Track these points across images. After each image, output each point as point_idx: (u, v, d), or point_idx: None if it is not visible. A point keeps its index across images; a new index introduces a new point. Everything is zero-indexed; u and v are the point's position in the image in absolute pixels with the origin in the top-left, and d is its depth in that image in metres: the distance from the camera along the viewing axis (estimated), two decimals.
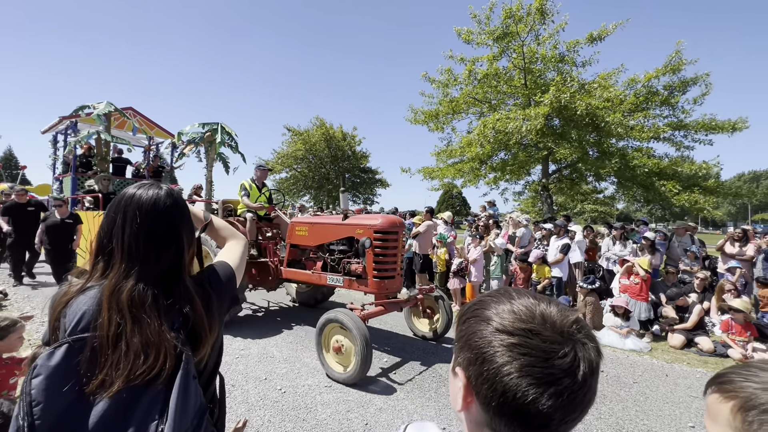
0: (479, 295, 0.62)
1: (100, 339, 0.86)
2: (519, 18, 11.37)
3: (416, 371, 3.94)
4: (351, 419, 2.97)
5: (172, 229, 1.01)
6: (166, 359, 0.86)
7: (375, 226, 4.23)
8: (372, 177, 28.81)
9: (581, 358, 0.49)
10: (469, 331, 0.55)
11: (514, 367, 0.48)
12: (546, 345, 0.49)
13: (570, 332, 0.51)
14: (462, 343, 0.56)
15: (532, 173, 14.12)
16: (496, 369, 0.49)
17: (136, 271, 0.94)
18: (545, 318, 0.52)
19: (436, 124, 13.94)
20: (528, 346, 0.49)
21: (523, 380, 0.48)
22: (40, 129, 10.47)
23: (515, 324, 0.51)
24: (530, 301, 0.55)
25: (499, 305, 0.55)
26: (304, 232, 5.00)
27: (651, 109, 11.35)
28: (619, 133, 10.90)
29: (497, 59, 12.33)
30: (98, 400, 0.82)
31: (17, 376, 2.09)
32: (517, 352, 0.49)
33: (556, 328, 0.51)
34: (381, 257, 4.20)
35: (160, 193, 1.02)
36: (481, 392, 0.51)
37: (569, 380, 0.48)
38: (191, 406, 0.86)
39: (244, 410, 3.03)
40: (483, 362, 0.51)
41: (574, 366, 0.49)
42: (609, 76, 11.66)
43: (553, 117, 11.18)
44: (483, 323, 0.54)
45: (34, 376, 0.81)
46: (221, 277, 1.12)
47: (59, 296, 0.95)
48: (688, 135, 11.44)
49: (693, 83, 10.89)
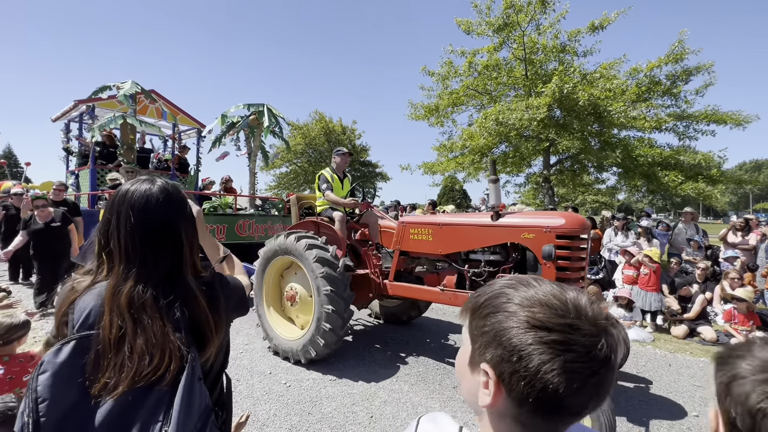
0: (488, 286, 0.59)
1: (102, 341, 0.85)
2: (519, 8, 11.25)
3: (420, 363, 3.96)
4: (356, 412, 2.98)
5: (168, 226, 0.98)
6: (171, 360, 0.85)
7: (557, 227, 3.01)
8: (372, 171, 28.73)
9: (612, 347, 0.50)
10: (498, 328, 0.52)
11: (557, 364, 0.48)
12: (586, 339, 0.49)
13: (602, 323, 0.51)
14: (488, 339, 0.53)
15: (534, 165, 14.07)
16: (537, 367, 0.48)
17: (135, 272, 0.92)
18: (579, 310, 0.51)
19: (437, 119, 13.86)
20: (570, 342, 0.49)
21: (566, 376, 0.47)
22: (50, 116, 9.22)
23: (552, 319, 0.50)
24: (555, 289, 0.54)
25: (524, 295, 0.53)
26: (427, 235, 3.74)
27: (653, 99, 11.26)
28: (621, 123, 10.83)
29: (498, 50, 12.22)
30: (104, 399, 0.81)
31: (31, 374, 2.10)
32: (559, 349, 0.48)
33: (590, 320, 0.50)
34: (567, 272, 2.98)
35: (152, 190, 0.98)
36: (516, 389, 0.50)
37: (605, 370, 0.49)
38: (196, 408, 0.85)
39: (250, 404, 3.05)
40: (519, 360, 0.49)
41: (608, 356, 0.49)
42: (611, 66, 11.55)
43: (555, 107, 11.09)
44: (512, 318, 0.52)
45: (40, 372, 0.81)
46: (230, 282, 1.12)
47: (66, 292, 0.94)
48: (690, 125, 11.37)
49: (696, 72, 10.79)
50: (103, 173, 8.14)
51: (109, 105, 8.30)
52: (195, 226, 1.08)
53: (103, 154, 8.44)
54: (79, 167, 8.78)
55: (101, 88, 7.84)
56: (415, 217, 4.18)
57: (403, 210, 10.28)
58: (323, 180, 4.57)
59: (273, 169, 27.06)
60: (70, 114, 8.87)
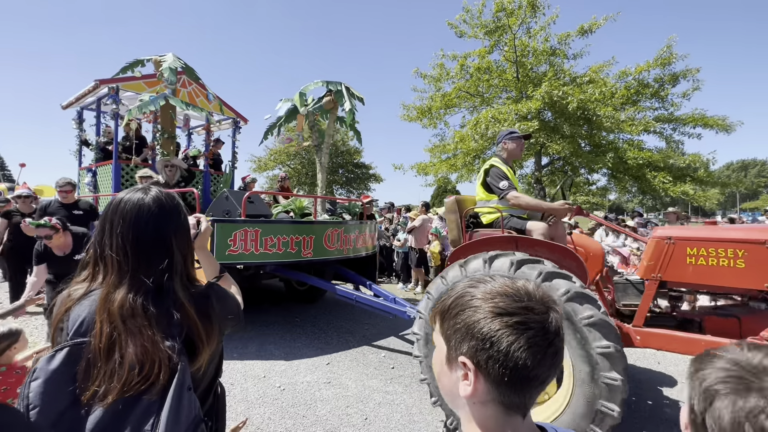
0: (450, 290, 0.66)
1: (93, 350, 0.85)
2: (510, 11, 11.39)
3: (414, 365, 3.98)
4: (350, 414, 3.00)
5: (160, 237, 0.98)
6: (160, 370, 0.86)
7: None
8: (366, 172, 28.76)
9: (558, 320, 0.59)
10: (468, 322, 0.59)
11: (522, 341, 0.55)
12: (539, 317, 0.57)
13: (547, 300, 0.60)
14: (461, 335, 0.60)
15: (525, 166, 14.22)
16: (507, 348, 0.55)
17: (127, 282, 0.93)
18: (530, 294, 0.59)
19: (430, 120, 13.95)
20: (528, 321, 0.57)
21: (530, 350, 0.55)
22: (61, 103, 7.61)
23: (512, 305, 0.58)
24: (506, 281, 0.62)
25: (484, 291, 0.61)
26: (731, 259, 2.39)
27: (641, 101, 11.48)
28: (609, 127, 11.03)
29: (489, 53, 12.35)
30: (94, 408, 0.82)
31: None
32: (522, 329, 0.56)
33: (539, 300, 0.59)
34: None
35: (144, 200, 0.99)
36: (492, 372, 0.57)
37: (557, 339, 0.58)
38: (184, 418, 0.86)
39: (244, 408, 3.05)
40: (491, 345, 0.56)
41: (557, 327, 0.58)
42: (600, 68, 11.74)
43: (546, 110, 11.24)
44: (479, 312, 0.58)
45: (33, 379, 0.82)
46: (226, 293, 1.13)
47: (63, 300, 0.95)
48: (677, 128, 11.61)
49: (683, 77, 11.03)
50: (129, 169, 6.66)
51: (135, 87, 6.72)
52: (189, 236, 1.09)
53: (127, 147, 6.98)
54: (97, 163, 7.16)
55: (132, 63, 6.27)
56: (698, 231, 2.75)
57: (399, 212, 10.28)
58: (499, 175, 3.12)
59: (265, 171, 26.92)
60: (85, 99, 7.19)
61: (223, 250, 4.16)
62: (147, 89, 6.68)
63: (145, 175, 5.64)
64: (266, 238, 4.47)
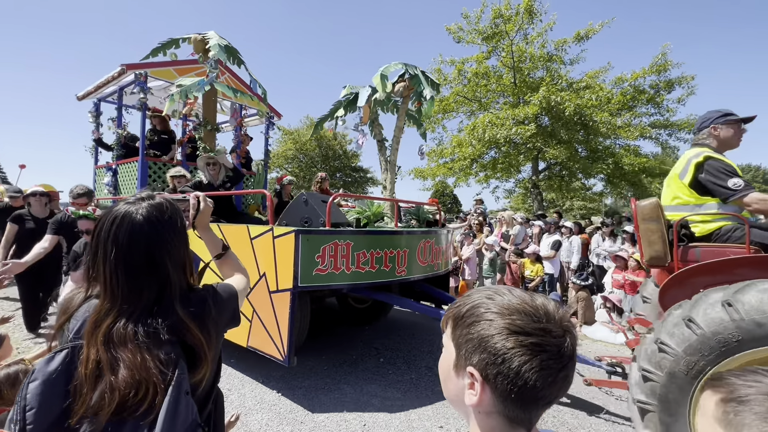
0: (467, 297, 0.65)
1: (79, 376, 0.83)
2: (508, 18, 11.51)
3: (412, 370, 3.97)
4: (348, 420, 2.98)
5: (152, 260, 0.94)
6: (156, 394, 0.84)
7: None
8: (363, 176, 28.77)
9: (574, 345, 0.59)
10: (483, 335, 0.58)
11: (534, 363, 0.55)
12: (556, 340, 0.57)
13: (566, 324, 0.59)
14: (472, 346, 0.59)
15: (523, 171, 14.30)
16: (518, 367, 0.55)
17: (117, 308, 0.90)
18: (549, 315, 0.58)
19: (428, 124, 14.01)
20: (544, 344, 0.56)
21: (543, 372, 0.55)
22: (76, 94, 6.83)
23: (530, 325, 0.57)
24: (525, 296, 0.61)
25: (500, 305, 0.60)
26: None
27: (637, 107, 11.61)
28: (605, 133, 11.14)
29: (487, 58, 12.46)
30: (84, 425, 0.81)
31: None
32: (536, 350, 0.56)
33: (557, 322, 0.58)
34: None
35: (136, 219, 0.94)
36: (499, 387, 0.56)
37: (571, 364, 0.58)
38: (180, 422, 0.85)
39: (241, 414, 3.02)
40: (503, 362, 0.56)
41: (571, 352, 0.58)
42: (596, 74, 11.87)
43: (542, 116, 11.33)
44: (493, 326, 0.58)
45: (31, 380, 0.81)
46: (222, 294, 1.11)
47: (66, 304, 0.96)
48: (672, 134, 11.74)
49: (678, 84, 11.17)
50: (156, 168, 5.88)
51: (165, 74, 5.95)
52: (185, 241, 1.05)
53: (155, 142, 6.14)
54: (119, 160, 6.27)
55: (165, 43, 5.29)
56: None
57: None
58: (723, 170, 2.35)
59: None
60: (105, 89, 6.32)
61: (309, 270, 3.22)
62: (178, 77, 5.85)
63: (178, 174, 5.02)
64: (358, 253, 3.46)
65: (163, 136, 6.34)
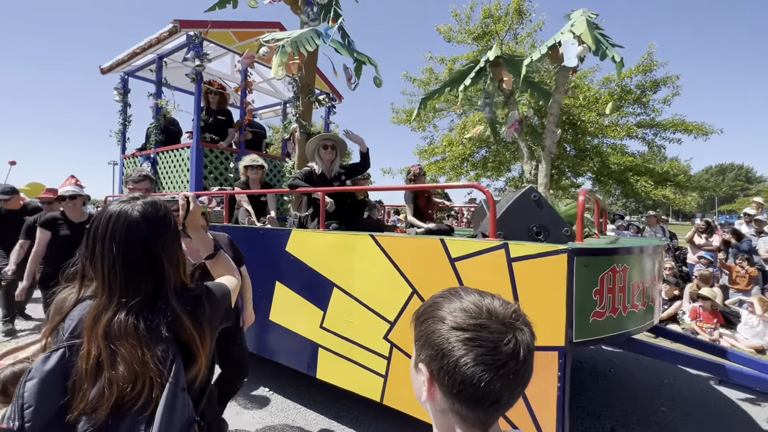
0: (431, 297, 0.69)
1: (79, 371, 0.85)
2: (497, 18, 11.59)
3: None
4: (341, 418, 3.01)
5: (149, 254, 0.98)
6: (152, 389, 0.86)
7: None
8: None
9: (521, 342, 0.59)
10: (428, 331, 0.62)
11: (469, 357, 0.56)
12: (493, 336, 0.57)
13: (511, 322, 0.60)
14: (422, 342, 0.63)
15: (513, 169, 14.44)
16: (455, 361, 0.57)
17: (116, 302, 0.93)
18: (490, 312, 0.60)
19: (419, 123, 14.06)
20: (479, 338, 0.57)
21: (478, 368, 0.56)
22: (100, 65, 5.64)
23: (467, 321, 0.59)
24: (477, 297, 0.63)
25: (451, 304, 0.62)
26: None
27: (624, 107, 11.80)
28: (593, 132, 11.32)
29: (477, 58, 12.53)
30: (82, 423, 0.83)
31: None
32: (471, 345, 0.57)
33: (499, 319, 0.59)
34: None
35: (132, 215, 0.97)
36: (443, 383, 0.59)
37: (513, 362, 0.57)
38: (177, 418, 0.87)
39: (232, 413, 3.03)
40: (443, 357, 0.58)
41: (516, 350, 0.58)
42: (584, 75, 12.02)
43: (532, 116, 11.46)
44: (439, 323, 0.61)
45: (28, 379, 0.82)
46: (216, 293, 1.13)
47: (59, 304, 0.97)
48: (658, 133, 11.97)
49: (663, 84, 11.38)
50: (214, 157, 4.79)
51: (222, 38, 4.84)
52: (179, 242, 1.07)
53: (209, 124, 4.89)
54: (158, 147, 5.09)
55: None
56: None
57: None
58: None
59: None
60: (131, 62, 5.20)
61: (586, 315, 2.01)
62: (237, 42, 4.91)
63: (255, 164, 3.98)
64: (633, 283, 2.33)
65: (219, 117, 5.03)
